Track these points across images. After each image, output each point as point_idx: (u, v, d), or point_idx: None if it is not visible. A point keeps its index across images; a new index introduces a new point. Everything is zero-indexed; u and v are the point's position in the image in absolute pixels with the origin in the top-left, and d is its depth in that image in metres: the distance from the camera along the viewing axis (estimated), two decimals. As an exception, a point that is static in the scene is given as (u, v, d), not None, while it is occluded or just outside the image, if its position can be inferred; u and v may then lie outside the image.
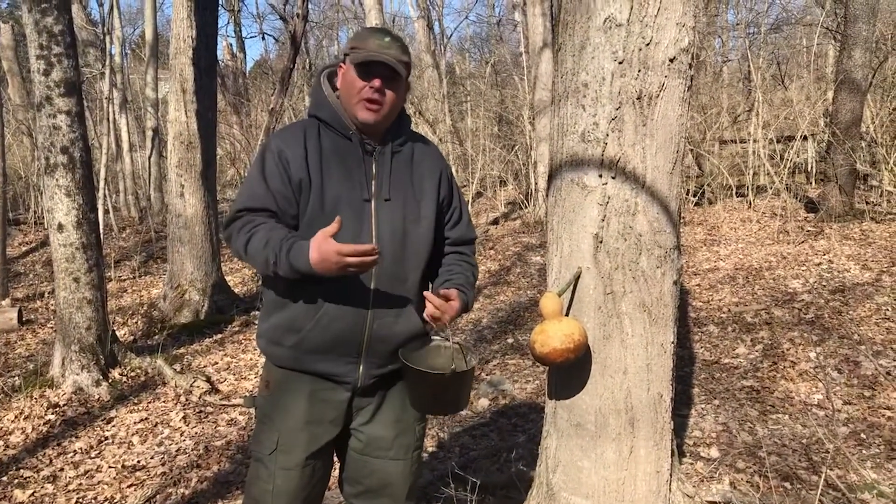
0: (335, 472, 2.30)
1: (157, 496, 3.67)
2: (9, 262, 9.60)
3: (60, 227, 5.06)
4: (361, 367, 2.07)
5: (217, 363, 5.85)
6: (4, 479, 3.91)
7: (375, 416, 2.17)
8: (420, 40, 19.24)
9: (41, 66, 4.94)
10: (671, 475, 2.35)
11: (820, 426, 3.72)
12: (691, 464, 3.42)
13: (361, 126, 2.07)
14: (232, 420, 4.65)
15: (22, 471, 4.01)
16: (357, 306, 2.02)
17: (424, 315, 2.08)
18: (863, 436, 3.65)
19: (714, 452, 3.55)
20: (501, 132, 16.50)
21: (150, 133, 15.71)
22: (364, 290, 2.01)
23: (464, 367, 2.05)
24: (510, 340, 5.87)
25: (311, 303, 2.01)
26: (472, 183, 13.93)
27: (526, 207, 12.06)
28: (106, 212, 13.25)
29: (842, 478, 3.19)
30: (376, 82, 2.00)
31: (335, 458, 2.28)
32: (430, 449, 3.94)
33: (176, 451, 4.23)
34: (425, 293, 2.06)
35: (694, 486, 3.15)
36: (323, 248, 1.84)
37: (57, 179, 5.03)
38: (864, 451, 3.49)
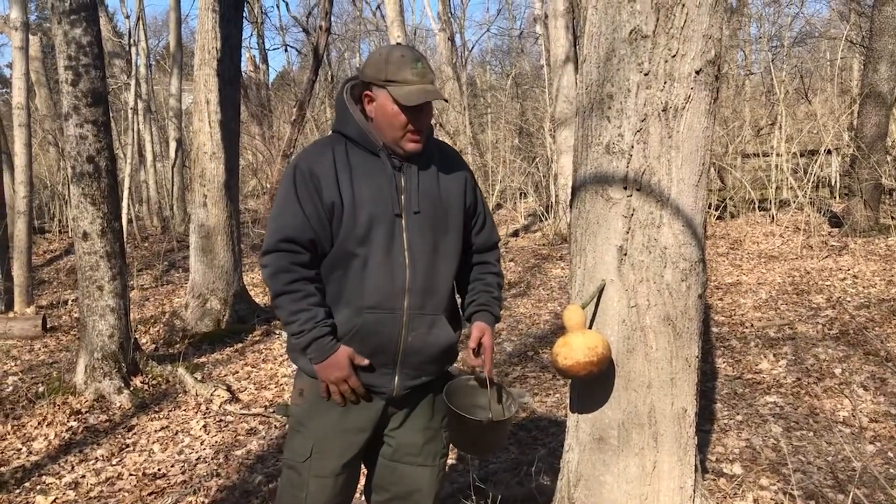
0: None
1: (177, 504, 3.68)
2: (33, 269, 9.72)
3: (85, 236, 5.12)
4: (397, 378, 2.10)
5: (238, 372, 5.88)
6: (27, 484, 3.95)
7: (405, 422, 2.20)
8: (441, 53, 19.30)
9: (69, 76, 5.01)
10: (694, 491, 2.32)
11: (846, 443, 3.66)
12: (714, 480, 3.37)
13: (400, 151, 2.10)
14: (252, 429, 4.66)
15: (44, 477, 4.04)
16: (392, 319, 2.04)
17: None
18: (890, 454, 3.59)
19: (737, 469, 3.50)
20: (522, 144, 16.51)
21: (173, 143, 15.89)
22: (398, 303, 2.04)
23: (502, 415, 2.13)
24: (530, 353, 5.84)
25: (346, 317, 2.04)
26: (493, 195, 13.94)
27: (546, 220, 12.04)
28: (129, 221, 13.40)
29: (869, 497, 3.13)
30: (423, 119, 2.05)
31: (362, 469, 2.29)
32: (450, 461, 3.91)
33: (196, 459, 4.24)
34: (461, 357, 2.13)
35: (717, 503, 3.12)
36: (338, 364, 2.05)
37: (83, 188, 5.09)
38: (891, 470, 3.43)
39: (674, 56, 2.04)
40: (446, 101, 2.03)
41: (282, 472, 2.25)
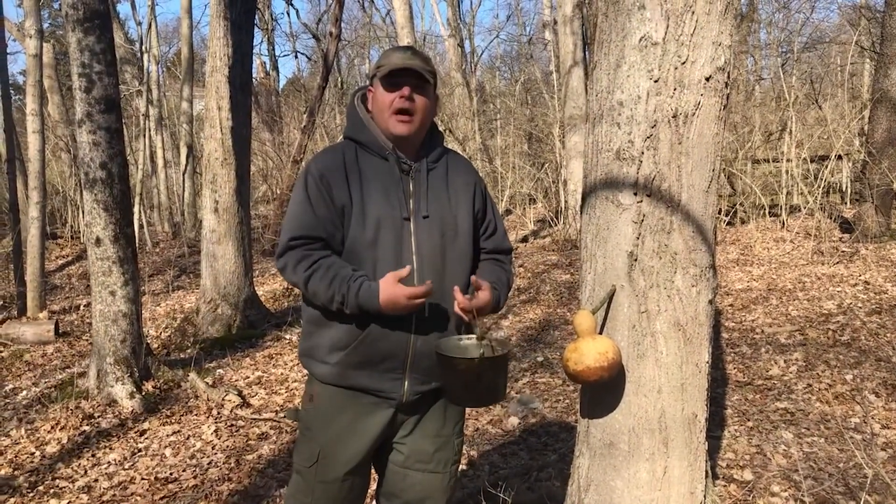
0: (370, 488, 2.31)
1: (189, 508, 3.70)
2: (46, 275, 9.79)
3: (98, 241, 5.16)
4: (406, 383, 2.10)
5: (248, 377, 5.90)
6: (41, 488, 3.98)
7: (416, 429, 2.19)
8: (450, 59, 19.37)
9: (83, 83, 5.06)
10: (705, 497, 2.32)
11: (858, 450, 3.64)
12: (724, 486, 3.37)
13: (396, 141, 2.10)
14: (263, 434, 4.68)
15: (57, 480, 4.07)
16: (401, 323, 2.05)
17: (455, 309, 2.09)
18: (902, 461, 3.57)
19: (748, 475, 3.50)
20: (531, 150, 16.52)
21: (184, 149, 15.97)
22: None
23: (493, 354, 2.06)
24: (539, 358, 5.84)
25: (355, 322, 2.04)
26: (502, 200, 13.95)
27: (555, 225, 12.03)
28: (140, 227, 13.47)
29: (880, 503, 3.12)
30: (405, 90, 2.04)
31: (373, 475, 2.30)
32: (461, 466, 3.93)
33: (207, 464, 4.26)
34: (455, 288, 2.08)
35: (728, 509, 3.11)
36: (394, 292, 1.94)
37: (96, 194, 5.13)
38: (903, 477, 3.41)
39: (683, 63, 2.05)
40: (426, 77, 2.01)
41: (291, 476, 2.27)
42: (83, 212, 5.28)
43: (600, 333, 2.22)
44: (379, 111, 2.10)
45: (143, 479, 4.08)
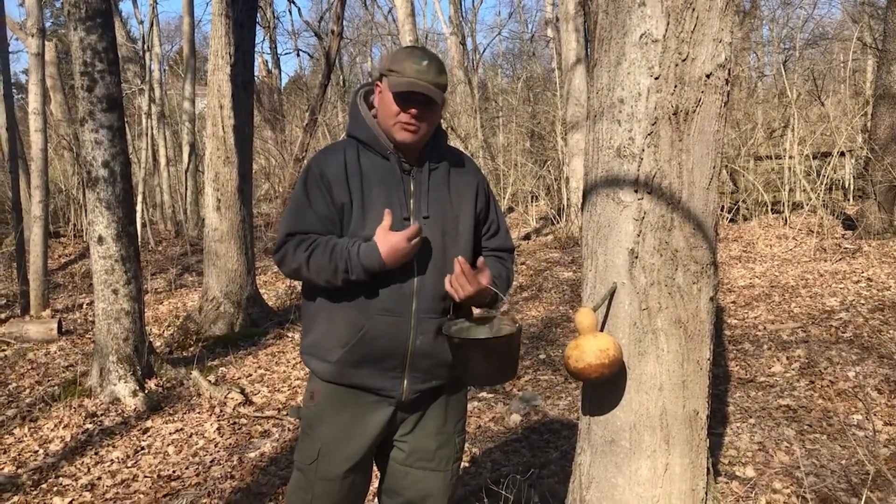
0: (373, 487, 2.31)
1: (192, 506, 3.71)
2: (49, 273, 9.80)
3: (101, 240, 5.17)
4: (406, 382, 2.10)
5: (251, 375, 5.91)
6: (44, 486, 3.99)
7: (417, 427, 2.20)
8: (452, 56, 19.34)
9: (85, 82, 5.06)
10: (707, 493, 2.32)
11: (860, 447, 3.64)
12: (727, 483, 3.37)
13: (399, 145, 2.10)
14: (265, 432, 4.69)
15: (61, 479, 4.08)
16: (400, 322, 2.05)
17: (445, 281, 2.07)
18: (904, 457, 3.57)
19: (750, 472, 3.50)
20: (533, 147, 16.52)
21: (186, 148, 15.98)
22: (406, 306, 2.05)
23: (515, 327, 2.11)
24: (542, 356, 5.85)
25: (354, 319, 2.05)
26: (504, 198, 13.95)
27: (558, 223, 12.04)
28: (143, 225, 13.47)
29: (882, 500, 3.12)
30: (413, 111, 2.03)
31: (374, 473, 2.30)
32: (462, 464, 3.93)
33: (210, 462, 4.27)
34: (458, 258, 2.06)
35: (730, 506, 3.11)
36: (391, 240, 1.95)
37: (98, 193, 5.14)
38: (905, 474, 3.41)
39: (684, 60, 2.04)
40: (436, 99, 2.02)
41: (292, 473, 2.28)
42: (86, 210, 5.29)
43: (601, 331, 2.22)
44: (383, 116, 2.09)
45: (146, 476, 4.09)
